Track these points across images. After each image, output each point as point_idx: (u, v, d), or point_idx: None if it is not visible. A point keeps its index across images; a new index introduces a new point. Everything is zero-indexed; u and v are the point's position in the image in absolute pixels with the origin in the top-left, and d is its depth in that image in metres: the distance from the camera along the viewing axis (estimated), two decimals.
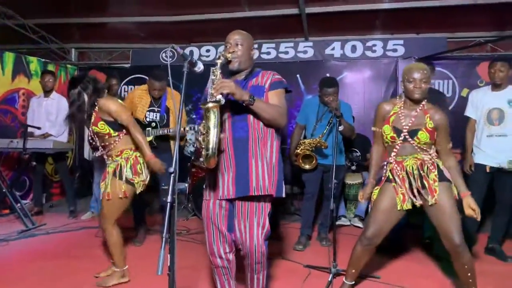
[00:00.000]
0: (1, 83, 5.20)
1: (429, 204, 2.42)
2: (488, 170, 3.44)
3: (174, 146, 2.73)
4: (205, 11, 5.57)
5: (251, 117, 2.15)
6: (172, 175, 1.60)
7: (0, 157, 4.89)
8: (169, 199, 1.56)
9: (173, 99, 3.84)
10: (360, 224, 4.52)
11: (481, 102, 3.50)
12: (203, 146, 1.94)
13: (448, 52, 5.49)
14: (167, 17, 5.69)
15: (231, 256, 2.31)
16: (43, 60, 5.99)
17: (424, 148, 2.49)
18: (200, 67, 1.96)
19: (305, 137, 3.96)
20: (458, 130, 3.86)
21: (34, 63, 5.76)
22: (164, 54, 6.37)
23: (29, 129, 4.52)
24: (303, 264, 3.33)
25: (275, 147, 2.25)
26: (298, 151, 3.79)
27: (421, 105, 2.51)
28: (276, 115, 2.15)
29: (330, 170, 3.25)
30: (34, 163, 4.72)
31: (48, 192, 5.69)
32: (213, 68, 2.08)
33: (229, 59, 2.17)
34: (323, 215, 4.05)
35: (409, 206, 2.49)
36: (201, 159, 1.96)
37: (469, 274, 2.42)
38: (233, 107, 2.14)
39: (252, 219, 2.18)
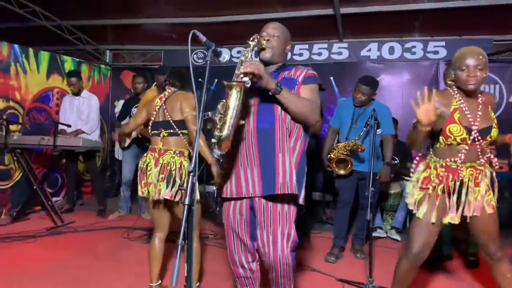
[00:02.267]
0: (36, 82, 5.28)
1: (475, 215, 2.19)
2: None
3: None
4: (237, 12, 5.47)
5: (278, 108, 1.97)
6: (191, 174, 1.44)
7: (32, 154, 4.94)
8: (186, 201, 1.40)
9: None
10: (397, 237, 4.24)
11: None
12: (218, 127, 1.78)
13: (495, 54, 5.13)
14: (198, 18, 5.63)
15: (254, 266, 2.14)
16: (78, 60, 6.06)
17: (486, 151, 2.21)
18: (224, 57, 1.81)
19: (338, 141, 3.75)
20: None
21: (68, 62, 5.83)
22: (196, 56, 6.34)
23: (61, 127, 4.55)
24: (336, 278, 3.12)
25: (299, 147, 2.04)
26: (332, 155, 3.59)
27: (480, 96, 2.20)
28: (305, 109, 1.96)
29: (367, 177, 3.02)
30: (64, 160, 4.73)
31: (79, 190, 5.74)
32: (244, 50, 1.93)
33: (263, 46, 2.02)
34: (358, 226, 3.81)
35: (457, 221, 2.21)
36: (213, 140, 1.79)
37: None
38: (260, 95, 1.98)
39: (275, 228, 1.97)
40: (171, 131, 2.62)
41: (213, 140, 1.80)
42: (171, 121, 2.63)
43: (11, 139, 4.39)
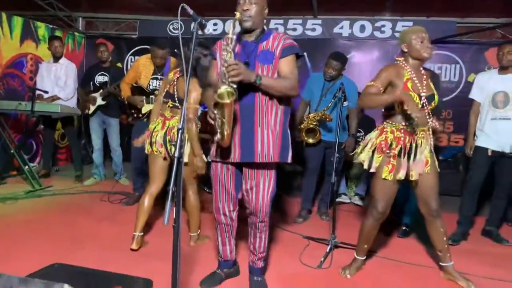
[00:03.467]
0: (10, 47, 5.22)
1: (423, 173, 2.53)
2: (490, 154, 3.47)
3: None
4: None
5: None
6: (180, 131, 1.66)
7: (8, 120, 4.94)
8: (176, 153, 1.61)
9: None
10: (360, 202, 4.60)
11: (487, 84, 3.51)
12: (218, 130, 2.07)
13: (458, 35, 5.46)
14: None
15: (234, 215, 2.46)
16: (51, 26, 5.98)
17: (431, 115, 2.53)
18: (209, 29, 1.98)
19: (309, 114, 3.99)
20: (463, 116, 3.87)
21: (42, 29, 5.76)
22: (171, 26, 6.37)
23: (38, 93, 4.56)
24: (303, 235, 3.42)
25: (280, 116, 2.26)
26: (302, 126, 3.84)
27: (422, 70, 2.57)
28: (285, 90, 2.17)
29: (333, 146, 3.29)
30: (42, 126, 4.76)
31: (54, 157, 5.76)
32: (224, 44, 2.04)
33: (243, 18, 2.13)
34: (324, 191, 4.12)
35: (402, 177, 2.53)
36: (216, 138, 2.11)
37: (444, 238, 2.65)
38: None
39: (258, 180, 2.28)
40: (177, 104, 2.95)
41: (216, 138, 2.12)
42: (175, 97, 2.95)
43: None
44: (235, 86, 1.97)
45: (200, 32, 1.93)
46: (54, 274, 2.18)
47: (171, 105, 2.97)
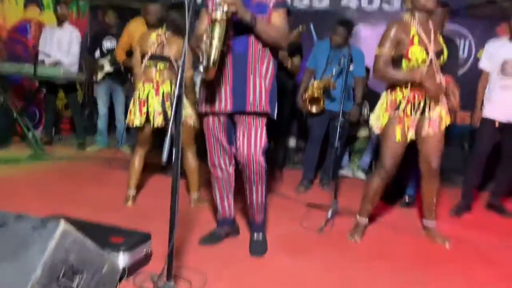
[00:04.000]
0: (14, 12, 5.19)
1: (431, 134, 2.50)
2: (497, 125, 3.40)
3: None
4: None
5: (252, 36, 2.17)
6: (180, 68, 1.61)
7: (11, 86, 4.92)
8: (176, 91, 1.57)
9: None
10: (363, 177, 4.55)
11: (497, 52, 3.40)
12: (204, 56, 1.96)
13: (470, 8, 5.30)
14: None
15: (231, 169, 2.44)
16: None
17: (439, 72, 2.48)
18: None
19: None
20: (472, 93, 3.76)
21: None
22: None
23: (40, 57, 4.52)
24: (304, 203, 3.40)
25: (271, 68, 2.29)
26: (306, 95, 3.79)
27: (430, 24, 2.49)
28: (277, 37, 2.19)
29: (337, 116, 3.22)
30: (45, 91, 4.75)
31: (57, 127, 5.78)
32: None
33: None
34: (327, 162, 4.08)
35: (413, 137, 2.52)
36: (200, 69, 2.00)
37: (434, 197, 2.70)
38: (237, 23, 2.12)
39: (250, 132, 2.26)
40: (168, 65, 2.83)
41: (200, 69, 2.00)
42: (171, 57, 2.82)
43: None
44: (227, 8, 1.91)
45: None
46: None
47: (161, 67, 2.85)
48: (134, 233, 2.20)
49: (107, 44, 4.81)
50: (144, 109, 2.83)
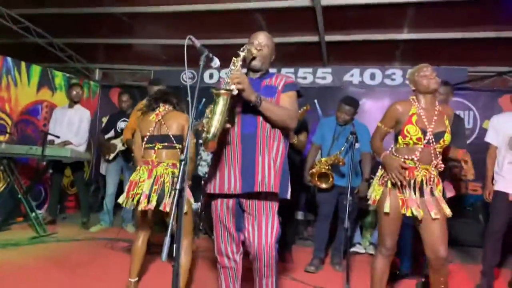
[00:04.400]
0: (26, 95, 5.37)
1: (432, 218, 2.36)
2: (510, 199, 3.29)
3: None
4: (226, 36, 5.67)
5: (260, 115, 2.16)
6: (183, 162, 1.58)
7: (19, 165, 4.96)
8: (178, 185, 1.53)
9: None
10: (375, 252, 4.33)
11: (503, 127, 3.40)
12: (205, 129, 1.94)
13: (470, 82, 5.44)
14: (188, 41, 5.81)
15: (238, 258, 2.30)
16: (68, 75, 6.18)
17: (438, 155, 2.43)
18: (216, 63, 1.97)
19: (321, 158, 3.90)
20: (480, 163, 3.69)
21: (59, 77, 5.96)
22: (184, 76, 6.52)
23: (49, 138, 4.60)
24: (314, 286, 3.20)
25: (281, 149, 2.24)
26: (314, 170, 3.74)
27: (437, 106, 2.48)
28: (284, 117, 2.16)
29: (346, 192, 3.15)
30: (51, 171, 4.76)
31: (62, 205, 5.72)
32: (235, 59, 2.11)
33: (254, 55, 2.20)
34: (338, 240, 3.91)
35: (410, 213, 2.39)
36: (200, 141, 1.96)
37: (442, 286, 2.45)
38: (245, 102, 2.12)
39: (260, 219, 2.15)
40: (167, 144, 2.75)
41: (200, 141, 1.95)
42: (170, 135, 2.76)
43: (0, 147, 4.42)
44: (233, 87, 1.95)
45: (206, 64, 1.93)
46: None
47: (160, 147, 2.75)
48: None
49: (122, 124, 4.92)
50: (133, 191, 2.68)
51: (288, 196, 2.23)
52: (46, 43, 5.99)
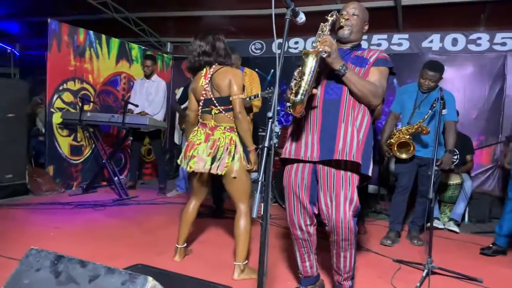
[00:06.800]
0: (107, 66, 5.68)
1: None
2: None
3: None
4: (298, 3, 5.48)
5: None
6: (270, 120, 1.55)
7: (101, 133, 5.30)
8: (266, 143, 1.50)
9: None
10: (455, 228, 4.09)
11: None
12: (293, 91, 1.87)
13: None
14: (257, 10, 5.76)
15: (311, 229, 2.21)
16: (143, 47, 6.43)
17: None
18: (302, 17, 1.87)
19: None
20: None
21: (135, 50, 6.22)
22: (253, 47, 6.49)
23: (129, 106, 4.86)
24: (393, 259, 3.10)
25: (366, 121, 2.09)
26: (392, 140, 3.58)
27: None
28: (368, 93, 2.00)
29: (428, 163, 2.97)
30: (131, 138, 5.03)
31: (140, 171, 6.08)
32: (322, 24, 2.03)
33: (341, 24, 2.10)
34: (416, 213, 3.73)
35: None
36: (288, 104, 1.88)
37: None
38: (331, 70, 2.02)
39: (338, 191, 2.02)
40: (222, 107, 2.60)
41: (288, 104, 1.89)
42: (222, 95, 2.59)
43: (85, 115, 4.75)
44: (321, 49, 1.88)
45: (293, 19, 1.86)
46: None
47: (216, 112, 2.61)
48: (215, 286, 2.12)
49: None
50: (189, 153, 2.62)
51: (370, 173, 2.09)
52: (122, 18, 6.22)
